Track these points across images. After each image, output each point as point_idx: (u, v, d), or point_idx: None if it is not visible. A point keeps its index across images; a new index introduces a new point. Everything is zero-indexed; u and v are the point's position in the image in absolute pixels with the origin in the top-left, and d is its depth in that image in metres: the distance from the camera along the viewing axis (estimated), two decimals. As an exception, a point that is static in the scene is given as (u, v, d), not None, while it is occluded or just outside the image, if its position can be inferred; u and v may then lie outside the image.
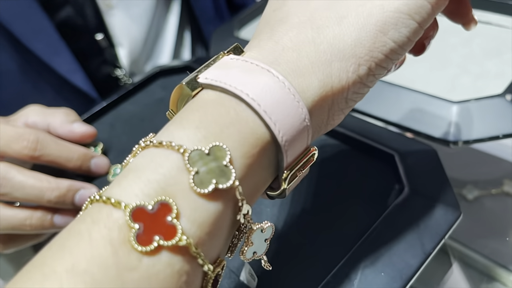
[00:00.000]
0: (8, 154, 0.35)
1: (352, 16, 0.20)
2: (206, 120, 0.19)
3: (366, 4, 0.21)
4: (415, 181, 0.31)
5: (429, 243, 0.28)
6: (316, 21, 0.21)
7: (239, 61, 0.20)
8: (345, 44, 0.20)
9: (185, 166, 0.17)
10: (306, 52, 0.20)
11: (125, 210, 0.17)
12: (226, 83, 0.19)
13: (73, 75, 0.52)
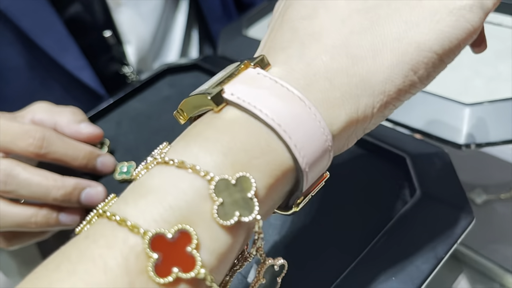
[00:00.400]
0: (14, 151, 0.35)
1: (387, 52, 0.20)
2: (235, 147, 0.18)
3: (402, 39, 0.20)
4: (426, 184, 0.31)
5: (441, 247, 0.27)
6: (351, 49, 0.20)
7: (268, 79, 0.19)
8: (377, 80, 0.20)
9: (210, 195, 0.17)
10: (338, 82, 0.20)
11: (144, 237, 0.16)
12: (256, 107, 0.18)
13: (81, 72, 0.52)
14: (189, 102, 0.20)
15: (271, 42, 0.22)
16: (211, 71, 0.49)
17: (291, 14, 0.22)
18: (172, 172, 0.17)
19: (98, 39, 0.54)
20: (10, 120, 0.36)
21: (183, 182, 0.17)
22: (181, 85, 0.49)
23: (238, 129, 0.18)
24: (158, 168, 0.18)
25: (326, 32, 0.20)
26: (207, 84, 0.20)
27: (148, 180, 0.18)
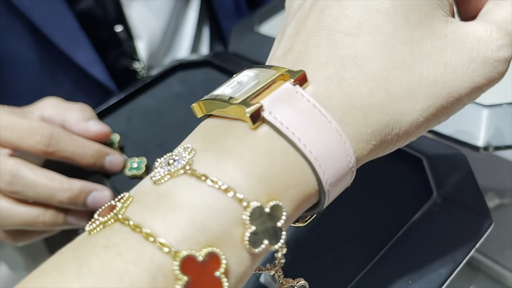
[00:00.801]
0: (21, 148, 0.34)
1: (422, 96, 0.20)
2: (272, 174, 0.17)
3: (438, 84, 0.20)
4: (444, 186, 0.30)
5: (459, 251, 0.27)
6: (391, 85, 0.20)
7: (307, 102, 0.19)
8: (406, 121, 0.20)
9: (244, 222, 0.17)
10: (372, 119, 0.19)
11: (175, 258, 0.15)
12: (295, 134, 0.18)
13: (91, 67, 0.51)
14: (216, 104, 0.19)
15: (303, 45, 0.21)
16: (223, 67, 0.48)
17: (330, 21, 0.21)
18: (205, 189, 0.17)
19: (109, 34, 0.54)
20: (19, 116, 0.35)
21: (217, 203, 0.17)
22: (192, 81, 0.49)
23: (276, 154, 0.18)
24: (187, 180, 0.17)
25: (369, 59, 0.20)
26: (234, 86, 0.19)
27: (176, 193, 0.17)
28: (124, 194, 0.18)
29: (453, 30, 0.20)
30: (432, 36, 0.20)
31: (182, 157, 0.18)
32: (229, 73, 0.48)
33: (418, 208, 0.29)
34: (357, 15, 0.20)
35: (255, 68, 0.21)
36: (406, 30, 0.20)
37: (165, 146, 0.41)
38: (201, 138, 0.19)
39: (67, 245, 0.18)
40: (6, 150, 0.34)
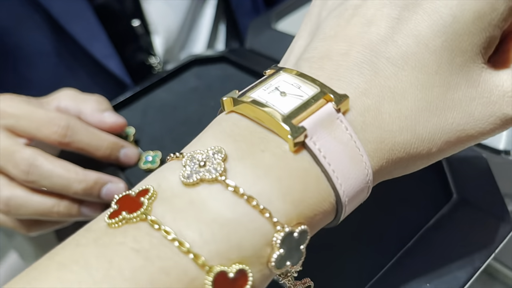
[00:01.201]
0: (38, 138, 0.34)
1: (441, 140, 0.21)
2: (305, 201, 0.18)
3: (458, 131, 0.21)
4: (464, 189, 0.30)
5: (478, 256, 0.26)
6: (418, 127, 0.20)
7: (345, 131, 0.19)
8: (422, 162, 0.21)
9: (275, 244, 0.17)
10: (398, 158, 0.20)
11: (209, 273, 0.15)
12: (331, 165, 0.18)
13: (108, 60, 0.51)
14: (255, 111, 0.19)
15: (343, 58, 0.20)
16: (239, 63, 0.48)
17: (376, 42, 0.20)
18: (242, 206, 0.17)
19: (126, 28, 0.54)
20: (36, 106, 0.35)
21: (253, 223, 0.17)
22: (208, 77, 0.49)
23: (310, 182, 0.18)
24: (223, 192, 0.17)
25: (406, 96, 0.20)
26: (273, 92, 0.19)
27: (212, 204, 0.17)
28: (145, 186, 0.18)
29: (485, 80, 0.21)
30: (467, 84, 0.20)
31: (215, 161, 0.17)
32: (246, 70, 0.47)
33: (437, 210, 0.28)
34: (405, 44, 0.20)
35: (294, 75, 0.20)
36: (447, 73, 0.20)
37: (180, 141, 0.41)
38: (232, 140, 0.19)
39: (82, 233, 0.17)
40: (23, 140, 0.35)
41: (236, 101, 0.19)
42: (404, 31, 0.20)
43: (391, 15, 0.21)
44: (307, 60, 0.21)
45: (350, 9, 0.22)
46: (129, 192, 0.18)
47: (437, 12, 0.20)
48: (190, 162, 0.18)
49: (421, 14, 0.20)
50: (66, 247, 0.17)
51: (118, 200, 0.18)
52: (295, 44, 0.24)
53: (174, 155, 0.19)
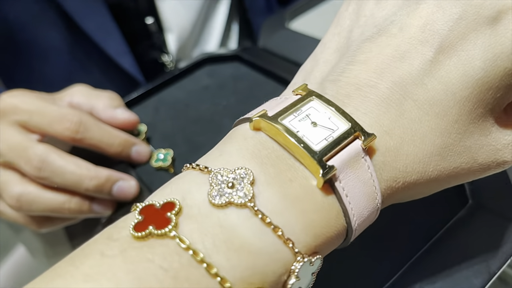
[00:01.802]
0: (50, 133, 0.34)
1: (445, 181, 0.22)
2: (325, 235, 0.19)
3: (463, 175, 0.22)
4: (480, 194, 0.29)
5: (494, 262, 0.26)
6: (429, 170, 0.21)
7: (367, 171, 0.20)
8: (423, 192, 0.23)
9: (293, 272, 0.18)
10: (406, 195, 0.22)
11: None
12: (350, 204, 0.19)
13: (121, 57, 0.52)
14: (284, 138, 0.19)
15: (371, 90, 0.21)
16: (252, 62, 0.48)
17: (406, 81, 0.21)
18: (268, 236, 0.17)
19: (140, 26, 0.54)
20: (49, 102, 0.35)
21: (277, 253, 0.17)
22: (220, 76, 0.49)
23: (332, 218, 0.19)
24: (251, 219, 0.17)
25: (425, 141, 0.20)
26: (303, 120, 0.20)
27: (240, 230, 0.17)
28: (170, 198, 0.18)
29: (497, 129, 0.22)
30: (480, 132, 0.21)
31: (243, 184, 0.18)
32: (258, 69, 0.47)
33: (452, 215, 0.28)
34: (434, 90, 0.20)
35: (325, 103, 0.20)
36: (466, 122, 0.21)
37: (191, 140, 0.40)
38: (259, 162, 0.19)
39: (105, 242, 0.17)
40: (35, 136, 0.35)
41: (265, 121, 0.19)
42: (435, 76, 0.20)
43: (426, 56, 0.21)
44: (334, 83, 0.21)
45: (384, 35, 0.22)
46: (153, 203, 0.18)
47: (471, 63, 0.20)
48: (217, 180, 0.18)
49: (454, 61, 0.20)
50: (90, 256, 0.16)
51: (142, 210, 0.18)
52: (320, 55, 0.24)
53: (191, 165, 0.19)
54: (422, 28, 0.21)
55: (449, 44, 0.20)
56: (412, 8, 0.21)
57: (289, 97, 0.21)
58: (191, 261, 0.16)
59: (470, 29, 0.20)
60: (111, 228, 0.18)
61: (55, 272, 0.16)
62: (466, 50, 0.20)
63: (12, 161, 0.34)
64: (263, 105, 0.22)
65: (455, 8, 0.21)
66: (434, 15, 0.21)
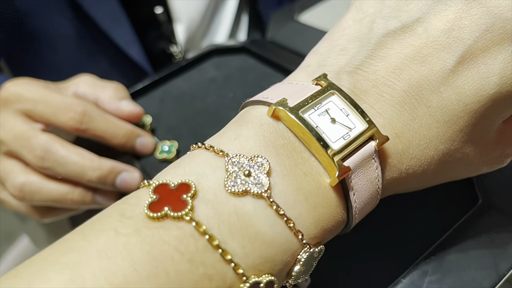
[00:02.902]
0: (54, 123, 0.34)
1: (440, 182, 0.24)
2: (330, 227, 0.20)
3: (453, 178, 0.24)
4: (490, 193, 0.28)
5: (504, 263, 0.25)
6: (426, 176, 0.22)
7: (375, 171, 0.20)
8: (416, 187, 0.24)
9: (299, 261, 0.19)
10: (399, 189, 0.23)
11: (244, 284, 0.17)
12: (355, 202, 0.20)
13: (129, 47, 0.51)
14: (304, 133, 0.19)
15: (388, 91, 0.21)
16: (260, 55, 0.47)
17: (423, 87, 0.21)
18: (281, 227, 0.18)
19: (149, 15, 0.54)
20: (54, 91, 0.35)
21: (288, 244, 0.18)
22: (227, 68, 0.48)
23: (339, 214, 0.20)
24: (266, 210, 0.18)
25: (430, 145, 0.21)
26: (323, 114, 0.20)
27: (256, 221, 0.17)
28: (184, 180, 0.17)
29: (494, 140, 0.23)
30: (481, 141, 0.22)
31: (260, 174, 0.18)
32: (266, 62, 0.46)
33: (462, 215, 0.27)
34: (448, 99, 0.20)
35: (344, 99, 0.20)
36: (470, 132, 0.21)
37: (197, 132, 0.40)
38: (275, 152, 0.19)
39: (117, 219, 0.17)
40: (39, 125, 0.34)
41: (285, 112, 0.19)
42: (452, 85, 0.20)
43: (447, 64, 0.20)
44: (351, 76, 0.21)
45: (408, 32, 0.21)
46: (167, 182, 0.18)
47: (488, 77, 0.20)
48: (233, 167, 0.18)
49: (473, 73, 0.20)
50: (103, 233, 0.16)
51: (156, 189, 0.17)
52: (338, 41, 0.23)
53: (203, 145, 0.19)
54: (447, 33, 0.20)
55: (471, 55, 0.20)
56: (440, 8, 0.21)
57: (307, 85, 0.21)
58: (207, 246, 0.16)
59: (494, 42, 0.20)
60: (122, 204, 0.18)
61: (66, 245, 0.16)
62: (486, 64, 0.20)
63: (15, 150, 0.34)
64: (280, 88, 0.22)
65: (484, 18, 0.20)
66: (461, 21, 0.20)
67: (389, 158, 0.21)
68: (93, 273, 0.15)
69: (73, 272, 0.15)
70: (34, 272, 0.15)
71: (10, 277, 0.15)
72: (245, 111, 0.22)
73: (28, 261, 0.16)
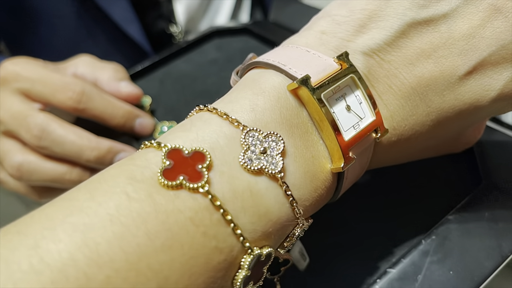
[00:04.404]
0: (52, 103, 0.34)
1: (433, 151, 0.27)
2: (321, 206, 0.21)
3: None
4: (493, 174, 0.28)
5: (507, 244, 0.24)
6: (411, 159, 0.26)
7: (367, 157, 0.22)
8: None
9: (292, 236, 0.19)
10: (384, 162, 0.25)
11: (249, 256, 0.17)
12: (347, 178, 0.21)
13: (128, 25, 0.50)
14: (319, 115, 0.19)
15: (395, 79, 0.21)
16: (262, 36, 0.46)
17: (429, 86, 0.22)
18: (287, 208, 0.18)
19: None
20: (52, 71, 0.35)
21: (289, 222, 0.19)
22: (228, 49, 0.47)
23: (331, 193, 0.21)
24: (276, 189, 0.18)
25: (420, 138, 0.23)
26: (340, 99, 0.20)
27: (266, 199, 0.18)
28: (198, 147, 0.17)
29: (463, 137, 0.27)
30: (453, 138, 0.26)
31: (275, 154, 0.18)
32: (268, 43, 0.46)
33: (464, 196, 0.27)
34: (447, 102, 0.21)
35: (360, 85, 0.20)
36: (452, 131, 0.24)
37: (197, 112, 0.39)
38: (289, 132, 0.19)
39: (127, 182, 0.16)
40: (37, 105, 0.34)
41: (308, 93, 0.19)
42: (455, 91, 0.21)
43: (458, 70, 0.21)
44: (367, 60, 0.21)
45: (431, 25, 0.21)
46: (180, 148, 0.17)
47: (487, 91, 0.21)
48: (249, 143, 0.18)
49: (476, 84, 0.21)
50: (113, 195, 0.15)
51: (169, 154, 0.17)
52: (359, 14, 0.22)
53: (215, 110, 0.19)
54: (467, 38, 0.21)
55: (481, 66, 0.21)
56: (469, 10, 0.21)
57: (328, 62, 0.20)
58: (221, 220, 0.16)
59: (505, 59, 0.21)
60: (130, 165, 0.17)
61: (72, 204, 0.15)
62: (491, 78, 0.21)
63: (13, 130, 0.33)
64: (296, 54, 0.21)
65: (505, 34, 0.21)
66: (483, 30, 0.21)
67: (380, 147, 0.22)
68: (107, 239, 0.14)
69: (85, 235, 0.14)
70: (40, 230, 0.14)
71: (12, 232, 0.15)
72: (259, 75, 0.20)
73: (28, 217, 0.15)
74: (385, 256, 0.25)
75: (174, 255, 0.15)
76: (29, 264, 0.13)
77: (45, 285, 0.13)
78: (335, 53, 0.21)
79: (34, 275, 0.13)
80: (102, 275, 0.14)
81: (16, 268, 0.13)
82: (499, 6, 0.21)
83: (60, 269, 0.14)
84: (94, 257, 0.14)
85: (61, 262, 0.14)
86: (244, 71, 0.22)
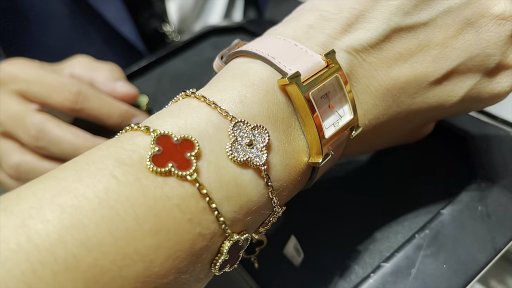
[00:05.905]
0: (49, 103, 0.34)
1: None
2: (294, 195, 0.22)
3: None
4: (487, 168, 0.28)
5: (500, 238, 0.25)
6: (378, 149, 0.29)
7: (340, 151, 0.23)
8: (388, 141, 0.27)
9: (268, 223, 0.21)
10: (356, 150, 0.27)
11: (228, 241, 0.18)
12: (320, 170, 0.21)
13: (122, 25, 0.50)
14: (306, 115, 0.20)
15: (373, 81, 0.22)
16: (258, 34, 0.46)
17: (405, 78, 0.23)
18: (266, 197, 0.19)
19: None
20: (49, 71, 0.35)
21: (266, 208, 0.19)
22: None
23: (305, 181, 0.22)
24: (258, 180, 0.18)
25: (390, 133, 0.25)
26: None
27: (249, 189, 0.18)
28: (187, 135, 0.17)
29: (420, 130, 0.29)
30: (413, 131, 0.28)
31: (260, 147, 0.18)
32: (264, 41, 0.46)
33: (459, 190, 0.27)
34: (417, 104, 0.23)
35: (344, 84, 0.21)
36: (416, 127, 0.27)
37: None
38: (274, 126, 0.19)
39: (114, 164, 0.16)
40: (34, 105, 0.34)
41: (298, 90, 0.19)
42: (424, 95, 0.23)
43: (430, 76, 0.23)
44: (349, 59, 0.22)
45: (412, 31, 0.22)
46: (169, 134, 0.17)
47: (452, 96, 0.23)
48: (237, 135, 0.18)
49: (443, 90, 0.23)
50: (102, 178, 0.15)
51: (158, 140, 0.17)
52: (346, 13, 0.22)
53: (204, 98, 0.18)
54: (441, 47, 0.22)
55: (450, 74, 0.23)
56: (446, 21, 0.22)
57: (316, 59, 0.20)
58: (206, 208, 0.17)
59: (470, 70, 0.23)
60: (117, 147, 0.17)
61: (60, 184, 0.15)
62: (456, 85, 0.23)
63: (10, 131, 0.33)
64: (284, 48, 0.21)
65: (473, 47, 0.23)
66: (455, 42, 0.22)
67: (353, 141, 0.23)
68: (95, 222, 0.14)
69: (73, 217, 0.14)
70: (27, 209, 0.14)
71: None
72: (248, 66, 0.20)
73: (14, 194, 0.15)
74: (378, 251, 0.26)
75: (161, 240, 0.15)
76: (17, 243, 0.14)
77: (34, 265, 0.13)
78: (321, 49, 0.21)
79: (23, 254, 0.13)
80: (90, 257, 0.14)
81: (4, 247, 0.13)
82: (473, 21, 0.22)
83: (48, 249, 0.14)
84: (83, 239, 0.14)
85: (50, 243, 0.14)
86: (230, 58, 0.22)
